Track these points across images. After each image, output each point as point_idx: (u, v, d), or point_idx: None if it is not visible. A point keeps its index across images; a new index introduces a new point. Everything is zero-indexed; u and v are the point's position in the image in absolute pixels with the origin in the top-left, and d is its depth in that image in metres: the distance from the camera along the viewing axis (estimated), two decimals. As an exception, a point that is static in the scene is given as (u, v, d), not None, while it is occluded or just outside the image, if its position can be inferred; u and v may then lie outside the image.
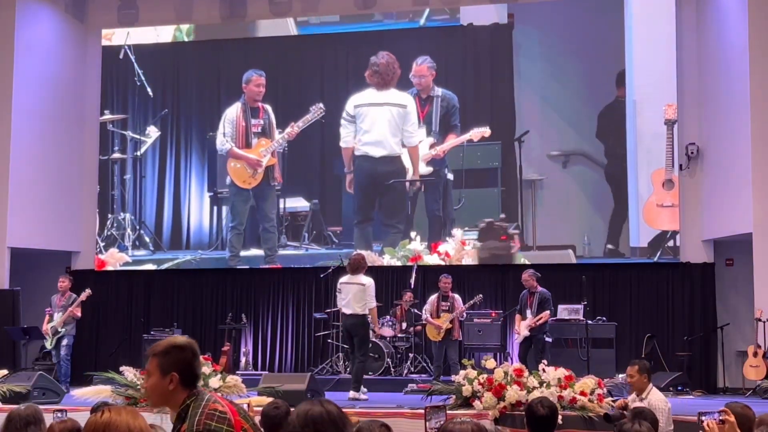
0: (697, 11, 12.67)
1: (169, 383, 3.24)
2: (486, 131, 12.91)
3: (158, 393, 3.26)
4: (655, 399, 6.65)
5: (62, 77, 14.07)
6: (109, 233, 14.12)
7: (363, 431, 3.58)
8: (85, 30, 14.48)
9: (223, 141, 13.72)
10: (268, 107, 13.71)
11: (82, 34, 14.45)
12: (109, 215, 14.18)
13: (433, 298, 11.71)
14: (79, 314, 11.66)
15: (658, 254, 12.56)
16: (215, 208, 13.96)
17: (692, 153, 12.52)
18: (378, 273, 13.34)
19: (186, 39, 14.41)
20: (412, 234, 13.15)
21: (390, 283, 13.31)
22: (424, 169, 13.18)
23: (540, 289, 11.17)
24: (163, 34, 14.42)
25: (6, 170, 12.93)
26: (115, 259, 13.99)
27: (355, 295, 10.23)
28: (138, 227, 14.06)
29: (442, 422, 4.35)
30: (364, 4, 13.64)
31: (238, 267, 13.71)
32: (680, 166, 12.63)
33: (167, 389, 3.24)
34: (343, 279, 10.52)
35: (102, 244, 14.09)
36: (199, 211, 14.04)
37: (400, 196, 13.30)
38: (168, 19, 14.27)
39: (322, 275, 13.16)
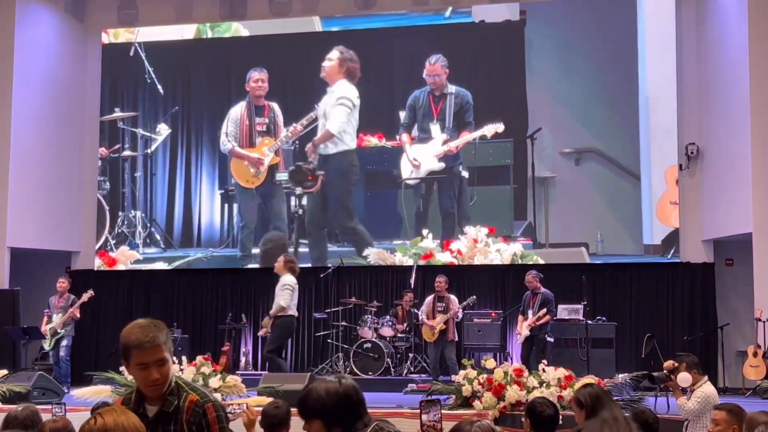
0: (697, 11, 12.67)
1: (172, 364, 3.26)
2: (500, 127, 12.85)
3: (169, 377, 3.22)
4: (701, 390, 6.64)
5: (62, 77, 14.07)
6: (119, 231, 14.09)
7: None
8: (85, 30, 14.48)
9: (225, 141, 13.71)
10: (275, 105, 13.70)
11: (82, 34, 14.45)
12: (120, 213, 14.15)
13: (429, 299, 11.73)
14: (78, 315, 11.67)
15: (672, 251, 12.54)
16: (226, 205, 13.95)
17: (692, 153, 12.52)
18: (378, 273, 13.41)
19: (210, 34, 14.33)
20: (425, 232, 13.11)
21: (390, 283, 13.31)
22: (437, 166, 13.12)
23: (543, 290, 11.20)
24: (186, 30, 14.37)
25: (6, 170, 12.92)
26: (125, 257, 13.96)
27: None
28: (149, 225, 14.03)
29: (437, 416, 4.35)
30: (364, 4, 13.63)
31: (240, 267, 13.71)
32: (680, 166, 12.63)
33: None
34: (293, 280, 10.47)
35: (113, 242, 14.05)
36: (209, 208, 14.05)
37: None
38: (168, 19, 14.25)
39: (322, 275, 13.17)
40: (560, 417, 4.93)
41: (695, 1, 12.71)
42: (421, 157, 13.16)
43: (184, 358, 8.85)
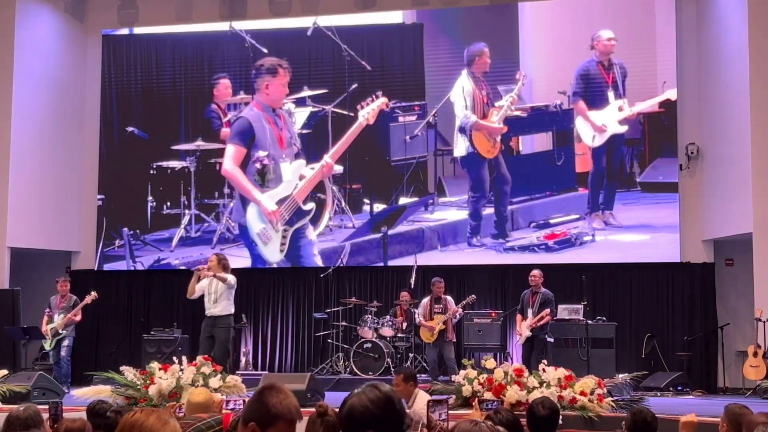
0: (697, 11, 12.68)
1: None
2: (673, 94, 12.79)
3: None
4: (418, 406, 6.40)
5: (62, 77, 14.07)
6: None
7: None
8: (85, 30, 14.49)
9: (468, 114, 13.24)
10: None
11: (82, 34, 14.46)
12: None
13: (425, 300, 11.73)
14: (79, 318, 11.64)
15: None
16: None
17: (692, 153, 12.52)
18: (378, 273, 13.42)
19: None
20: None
21: (390, 283, 13.31)
22: (620, 129, 12.91)
23: (543, 289, 11.19)
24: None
25: (6, 170, 12.93)
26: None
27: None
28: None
29: (444, 415, 4.36)
30: (364, 4, 13.64)
31: (238, 267, 13.69)
32: (680, 166, 12.63)
33: None
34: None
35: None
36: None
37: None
38: (168, 19, 14.26)
39: (322, 275, 13.19)
40: (560, 417, 4.93)
41: (695, 1, 12.71)
42: (606, 122, 12.99)
43: (184, 358, 8.84)
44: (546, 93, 13.29)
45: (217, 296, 10.30)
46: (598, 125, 12.97)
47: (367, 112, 13.35)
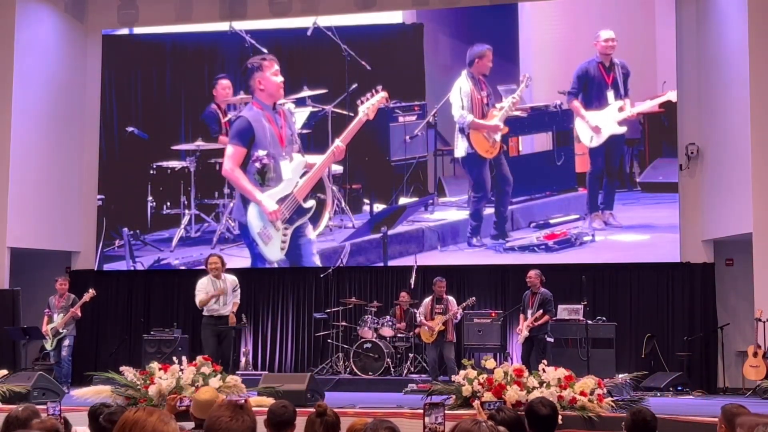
0: (697, 11, 12.68)
1: None
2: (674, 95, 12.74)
3: None
4: None
5: (62, 77, 14.07)
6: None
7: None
8: (85, 30, 14.49)
9: (464, 114, 13.21)
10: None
11: (82, 34, 14.47)
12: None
13: (427, 300, 11.73)
14: (79, 314, 11.68)
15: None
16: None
17: (692, 153, 12.52)
18: (378, 273, 13.41)
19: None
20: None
21: (390, 283, 13.31)
22: (619, 130, 12.87)
23: (542, 289, 11.18)
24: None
25: (6, 170, 12.93)
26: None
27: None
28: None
29: (440, 418, 4.35)
30: (364, 4, 13.64)
31: (238, 267, 13.70)
32: (680, 166, 12.63)
33: None
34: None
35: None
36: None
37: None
38: (168, 19, 14.27)
39: (322, 275, 13.19)
40: (559, 417, 4.93)
41: (695, 1, 12.72)
42: (602, 123, 12.93)
43: (184, 358, 8.84)
44: (546, 93, 13.29)
45: (226, 297, 10.57)
46: (593, 125, 12.97)
47: (367, 107, 13.35)
